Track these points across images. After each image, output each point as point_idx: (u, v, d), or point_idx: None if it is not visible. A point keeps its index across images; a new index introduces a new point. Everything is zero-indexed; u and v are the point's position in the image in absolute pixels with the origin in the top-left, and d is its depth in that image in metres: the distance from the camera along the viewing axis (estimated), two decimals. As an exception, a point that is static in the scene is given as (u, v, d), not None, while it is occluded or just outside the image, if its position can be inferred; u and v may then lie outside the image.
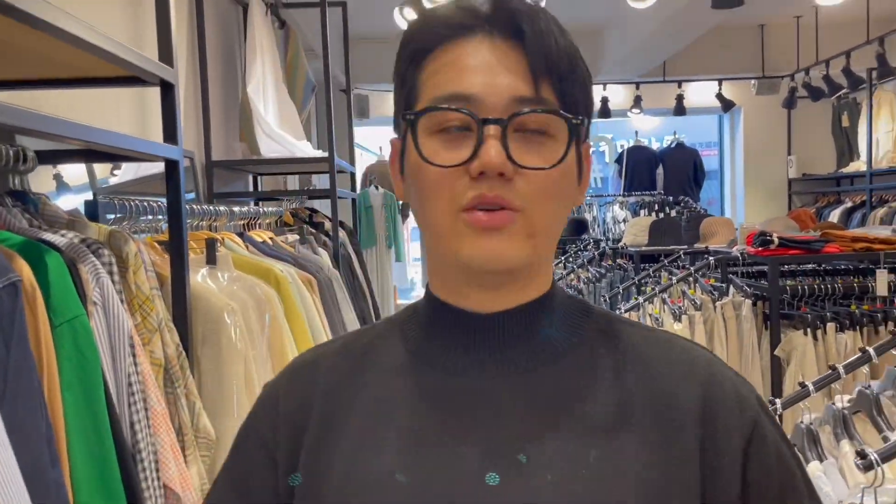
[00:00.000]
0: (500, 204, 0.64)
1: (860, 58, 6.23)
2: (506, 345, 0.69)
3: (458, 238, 0.65)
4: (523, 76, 0.66)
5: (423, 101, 0.67)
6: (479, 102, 0.65)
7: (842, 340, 2.47)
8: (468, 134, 0.65)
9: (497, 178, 0.64)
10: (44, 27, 0.97)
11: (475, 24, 0.67)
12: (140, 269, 1.24)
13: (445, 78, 0.66)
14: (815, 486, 0.79)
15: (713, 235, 3.97)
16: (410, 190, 0.70)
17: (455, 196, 0.65)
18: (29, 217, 1.15)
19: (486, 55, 0.66)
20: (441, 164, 0.65)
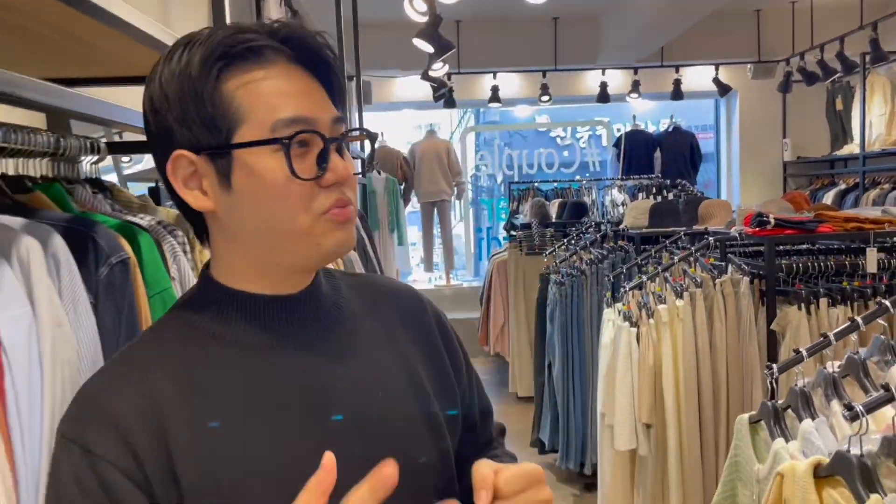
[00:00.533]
0: (347, 203, 0.79)
1: (854, 43, 6.36)
2: (311, 315, 0.84)
3: (320, 234, 0.78)
4: (328, 99, 0.81)
5: (254, 121, 0.76)
6: (316, 122, 0.78)
7: (834, 315, 2.62)
8: (309, 149, 0.77)
9: (341, 186, 0.79)
10: (121, 25, 1.09)
11: (274, 50, 0.78)
12: (204, 248, 1.38)
13: (278, 101, 0.77)
14: (807, 439, 1.01)
15: (711, 217, 4.11)
16: (245, 201, 0.77)
17: (317, 204, 0.78)
18: (110, 202, 1.29)
19: (298, 81, 0.78)
20: (307, 177, 0.76)
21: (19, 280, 0.79)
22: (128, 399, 0.74)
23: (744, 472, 1.67)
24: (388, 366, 0.88)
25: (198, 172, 0.79)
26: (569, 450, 4.11)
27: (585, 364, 4.03)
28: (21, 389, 0.77)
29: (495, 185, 10.80)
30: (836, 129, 7.64)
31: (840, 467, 1.25)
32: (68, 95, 0.93)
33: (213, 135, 0.77)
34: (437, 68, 5.61)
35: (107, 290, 0.94)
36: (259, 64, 0.77)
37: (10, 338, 0.76)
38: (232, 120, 0.77)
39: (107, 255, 0.97)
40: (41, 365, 0.79)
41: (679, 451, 2.67)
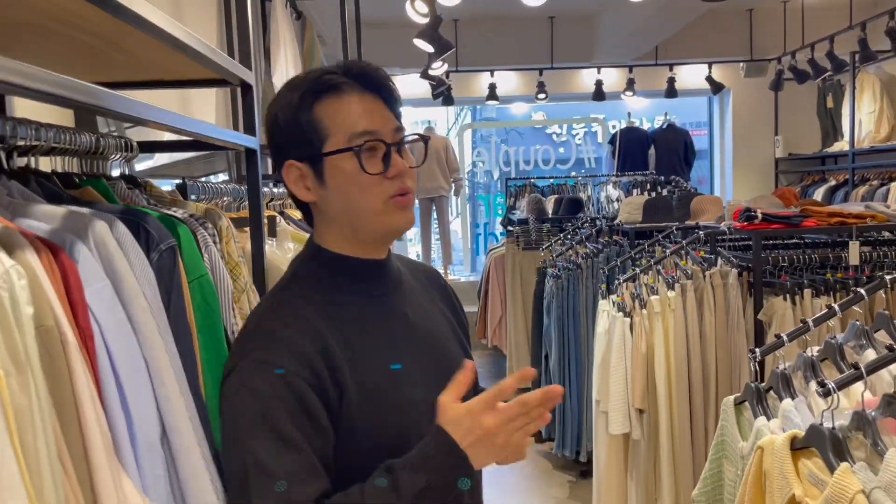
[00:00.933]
0: (407, 190, 1.10)
1: (844, 42, 6.48)
2: (390, 275, 1.18)
3: (388, 215, 1.09)
4: (389, 114, 1.12)
5: (337, 135, 1.08)
6: (380, 133, 1.09)
7: (817, 305, 2.74)
8: (377, 152, 1.08)
9: (402, 177, 1.09)
10: (159, 35, 1.20)
11: (347, 83, 1.09)
12: (231, 239, 1.50)
13: (353, 120, 1.08)
14: (787, 417, 1.36)
15: (703, 213, 4.23)
16: (335, 193, 1.09)
17: (384, 191, 1.08)
18: (146, 196, 1.40)
19: (369, 103, 1.10)
20: (375, 172, 1.07)
21: (96, 258, 0.91)
22: (299, 331, 1.04)
23: (729, 450, 1.78)
24: (435, 314, 1.23)
25: (303, 175, 1.11)
26: (565, 438, 4.23)
27: (581, 355, 4.15)
28: (116, 349, 0.89)
29: (492, 181, 10.91)
30: (827, 127, 7.77)
31: (814, 439, 1.36)
32: (111, 97, 1.04)
33: (310, 148, 1.09)
34: (437, 67, 5.72)
35: (157, 274, 1.06)
36: (338, 95, 1.09)
37: (97, 306, 0.88)
38: (322, 136, 1.09)
39: (157, 241, 1.08)
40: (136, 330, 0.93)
41: (670, 434, 2.80)
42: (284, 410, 0.98)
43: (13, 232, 0.81)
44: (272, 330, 1.04)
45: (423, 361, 1.13)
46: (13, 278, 0.74)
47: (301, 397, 0.99)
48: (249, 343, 1.04)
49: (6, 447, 0.68)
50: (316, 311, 1.07)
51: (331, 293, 1.11)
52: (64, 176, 1.26)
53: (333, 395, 1.02)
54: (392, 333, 1.13)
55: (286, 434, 0.97)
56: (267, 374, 0.99)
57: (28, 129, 1.09)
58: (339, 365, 1.04)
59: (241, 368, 1.01)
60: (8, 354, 0.72)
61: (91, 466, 0.87)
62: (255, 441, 0.96)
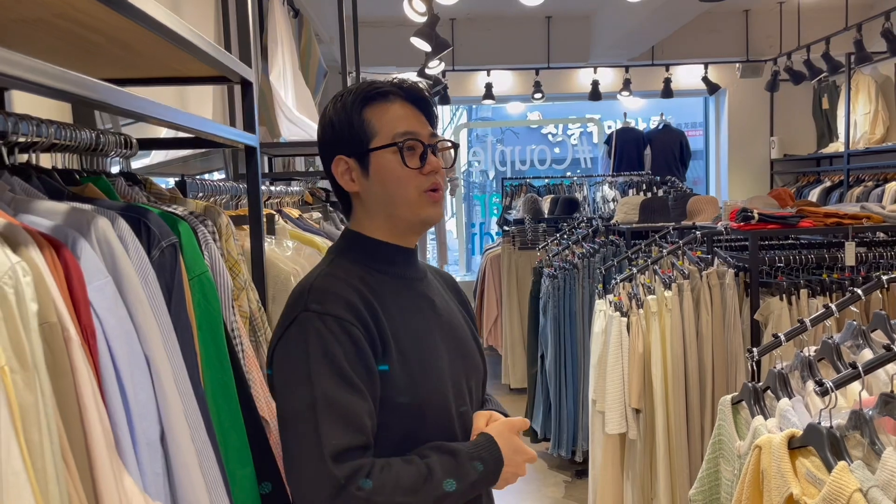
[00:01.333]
0: (438, 187, 1.27)
1: (839, 43, 6.50)
2: (418, 264, 1.34)
3: (420, 207, 1.25)
4: (426, 121, 1.29)
5: (382, 134, 1.25)
6: (419, 135, 1.26)
7: (813, 305, 2.75)
8: (415, 152, 1.25)
9: (436, 174, 1.26)
10: (162, 31, 1.20)
11: (393, 91, 1.27)
12: (230, 237, 1.50)
13: (397, 122, 1.25)
14: (784, 416, 1.42)
15: (699, 213, 4.24)
16: (377, 184, 1.25)
17: (420, 184, 1.25)
18: (145, 194, 1.40)
19: (410, 110, 1.27)
20: (414, 167, 1.24)
21: (98, 255, 0.91)
22: (350, 291, 1.18)
23: (726, 450, 1.79)
24: (451, 306, 1.37)
25: (349, 168, 1.27)
26: (560, 438, 4.23)
27: (577, 354, 4.15)
28: (117, 345, 0.89)
29: (487, 181, 10.91)
30: (822, 128, 7.79)
31: (811, 438, 1.37)
32: (116, 93, 1.04)
33: (358, 144, 1.26)
34: (434, 66, 5.72)
35: (158, 271, 1.06)
36: (385, 101, 1.27)
37: (99, 303, 0.88)
38: (370, 134, 1.25)
39: (159, 238, 1.08)
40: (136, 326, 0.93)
41: (667, 434, 2.80)
42: (345, 353, 1.11)
43: (17, 228, 0.81)
44: (325, 288, 1.17)
45: (447, 341, 1.28)
46: (18, 274, 0.73)
47: (358, 345, 1.13)
48: (305, 299, 1.15)
49: (12, 444, 0.68)
50: (358, 282, 1.21)
51: (369, 270, 1.25)
52: (65, 172, 1.26)
53: (379, 349, 1.16)
54: (422, 313, 1.27)
55: (348, 375, 1.11)
56: (327, 322, 1.12)
57: (29, 125, 1.08)
58: (382, 326, 1.18)
59: (301, 319, 1.13)
60: (13, 351, 0.71)
61: (93, 464, 0.87)
62: (321, 377, 1.09)
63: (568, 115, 10.79)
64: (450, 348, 1.28)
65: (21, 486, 0.68)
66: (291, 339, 1.14)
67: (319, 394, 1.09)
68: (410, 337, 1.22)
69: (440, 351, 1.26)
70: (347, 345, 1.12)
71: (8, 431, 0.68)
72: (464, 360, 1.31)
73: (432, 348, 1.25)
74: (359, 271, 1.24)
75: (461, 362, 1.30)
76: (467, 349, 1.33)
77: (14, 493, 0.68)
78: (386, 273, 1.27)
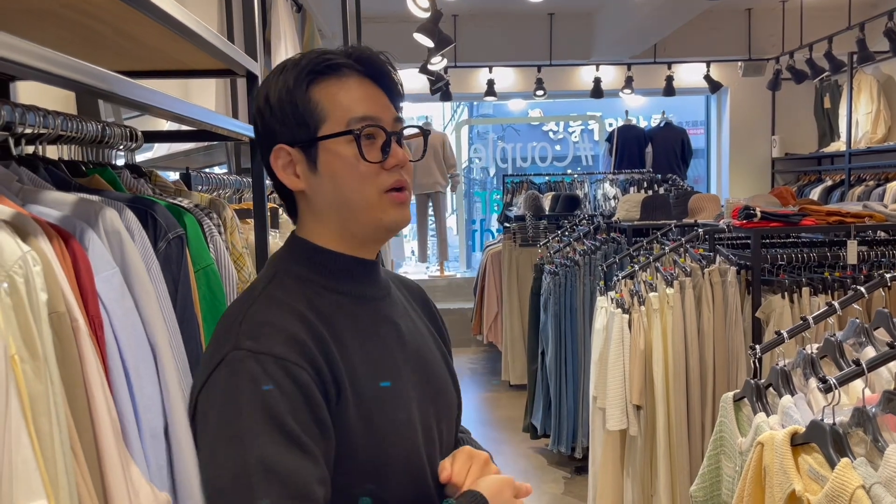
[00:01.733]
0: (404, 185, 1.02)
1: (842, 42, 6.50)
2: (380, 279, 1.08)
3: (381, 210, 1.00)
4: (390, 102, 1.03)
5: (334, 119, 0.99)
6: (380, 120, 1.01)
7: (815, 303, 2.75)
8: (375, 141, 1.00)
9: (401, 169, 1.01)
10: (168, 22, 1.19)
11: (348, 65, 1.01)
12: (235, 230, 1.50)
13: (353, 104, 0.99)
14: (786, 413, 1.33)
15: (701, 211, 4.24)
16: (327, 181, 1.00)
17: (380, 182, 1.00)
18: (151, 186, 1.40)
19: (368, 89, 1.02)
20: (374, 160, 0.99)
21: (105, 246, 0.91)
22: (293, 322, 0.93)
23: (728, 446, 1.79)
24: (422, 330, 1.13)
25: (293, 161, 1.01)
26: (560, 434, 4.24)
27: (578, 351, 4.16)
28: (123, 337, 0.89)
29: (488, 177, 10.91)
30: (824, 127, 7.79)
31: (814, 435, 1.37)
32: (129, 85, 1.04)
33: (304, 131, 1.00)
34: (436, 62, 5.72)
35: (165, 263, 1.06)
36: (337, 77, 1.01)
37: (106, 294, 0.88)
38: (318, 119, 1.00)
39: (165, 230, 1.08)
40: (142, 317, 0.93)
41: (667, 431, 2.81)
42: (289, 404, 0.86)
43: (26, 218, 0.81)
44: (263, 320, 0.92)
45: (413, 377, 1.04)
46: (29, 264, 0.74)
47: (305, 392, 0.88)
48: (239, 333, 0.90)
49: (22, 433, 0.68)
50: (306, 306, 0.96)
51: (318, 290, 1.00)
52: (71, 164, 1.26)
53: (332, 395, 0.92)
54: (384, 342, 1.02)
55: (293, 432, 0.85)
56: (265, 364, 0.87)
57: (36, 115, 1.08)
58: (336, 363, 0.94)
59: (232, 359, 0.88)
60: (23, 340, 0.72)
61: (101, 454, 0.87)
62: (257, 437, 0.83)
63: (569, 113, 10.78)
64: (419, 385, 1.04)
65: (31, 474, 0.68)
66: (219, 385, 0.88)
67: (255, 459, 0.83)
68: (371, 376, 0.97)
69: (408, 390, 1.02)
70: (292, 392, 0.87)
71: (18, 420, 0.68)
72: (435, 400, 1.07)
73: (399, 389, 1.00)
74: (305, 291, 0.99)
75: (432, 402, 1.06)
76: (440, 384, 1.10)
77: (24, 482, 0.68)
78: (340, 293, 1.01)
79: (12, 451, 0.68)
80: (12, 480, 0.67)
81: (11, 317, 0.71)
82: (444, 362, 1.13)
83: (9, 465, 0.67)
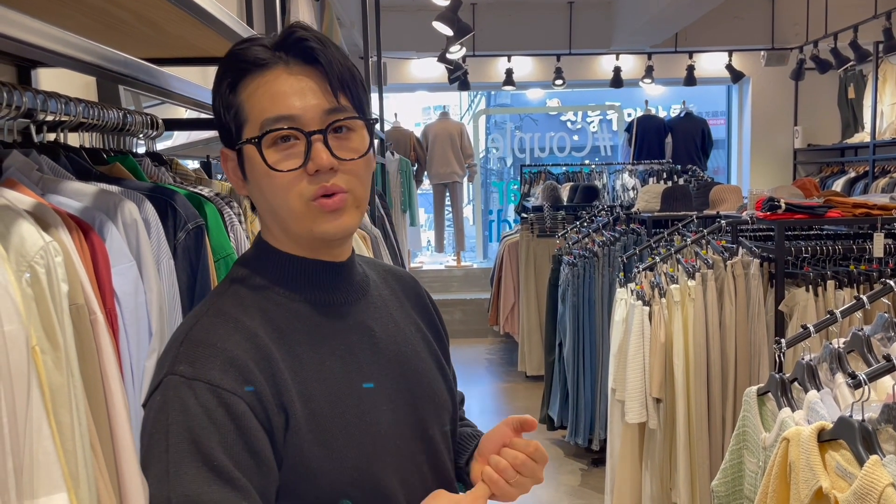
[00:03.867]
0: (335, 191, 0.89)
1: (867, 31, 6.39)
2: (352, 280, 0.99)
3: (311, 220, 0.90)
4: (325, 93, 0.90)
5: (252, 122, 0.89)
6: (300, 119, 0.89)
7: (840, 297, 2.71)
8: (297, 143, 0.89)
9: (329, 172, 0.89)
10: (193, 8, 1.18)
11: (273, 58, 0.90)
12: (255, 219, 1.49)
13: (269, 103, 0.88)
14: (812, 409, 1.27)
15: (722, 202, 4.20)
16: (255, 189, 0.92)
17: (302, 191, 0.88)
18: (172, 174, 1.40)
19: (292, 82, 0.89)
20: (286, 169, 0.88)
21: (123, 238, 0.90)
22: (237, 342, 0.86)
23: (751, 441, 1.76)
24: (406, 326, 1.04)
25: (235, 166, 0.94)
26: (577, 426, 4.22)
27: (596, 343, 4.13)
28: (131, 332, 0.88)
29: (505, 167, 10.87)
30: (848, 118, 7.68)
31: (843, 431, 1.34)
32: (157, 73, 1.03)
33: (229, 136, 0.93)
34: (454, 51, 5.69)
35: (184, 253, 1.05)
36: (260, 73, 0.90)
37: (121, 287, 0.87)
38: (239, 121, 0.91)
39: (184, 221, 1.07)
40: (148, 311, 0.92)
41: (687, 424, 2.78)
42: (219, 436, 0.81)
43: (47, 209, 0.80)
44: (203, 340, 0.85)
45: (389, 385, 0.96)
46: (50, 254, 0.73)
47: (239, 422, 0.82)
48: (177, 355, 0.85)
49: (43, 425, 0.68)
50: (259, 321, 0.89)
51: (277, 299, 0.93)
52: (92, 151, 1.25)
53: (278, 422, 0.85)
54: (352, 351, 0.94)
55: (222, 466, 0.80)
56: (197, 391, 0.82)
57: (58, 102, 1.08)
58: (285, 385, 0.86)
59: (166, 384, 0.82)
60: (44, 332, 0.71)
61: (117, 447, 0.86)
62: (183, 472, 0.79)
63: (588, 103, 10.71)
64: (399, 392, 0.97)
65: (51, 467, 0.67)
66: (153, 411, 0.83)
67: (179, 495, 0.78)
68: (330, 394, 0.90)
69: (378, 405, 0.94)
70: (224, 423, 0.81)
71: (40, 412, 0.67)
72: (420, 405, 0.99)
73: (366, 406, 0.92)
74: (262, 303, 0.92)
75: (416, 408, 0.98)
76: (424, 388, 1.01)
77: (44, 473, 0.67)
78: (302, 300, 0.93)
79: (34, 443, 0.67)
80: (33, 473, 0.67)
81: (33, 307, 0.70)
82: (435, 361, 1.05)
83: (30, 457, 0.67)
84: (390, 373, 0.97)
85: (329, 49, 0.91)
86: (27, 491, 0.67)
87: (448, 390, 1.06)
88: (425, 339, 1.05)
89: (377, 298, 1.01)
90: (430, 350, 1.05)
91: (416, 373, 1.00)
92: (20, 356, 0.66)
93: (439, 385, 1.04)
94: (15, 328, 0.66)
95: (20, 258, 0.71)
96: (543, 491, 4.00)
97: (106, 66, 0.85)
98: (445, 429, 1.03)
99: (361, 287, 1.00)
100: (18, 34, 0.74)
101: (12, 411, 0.65)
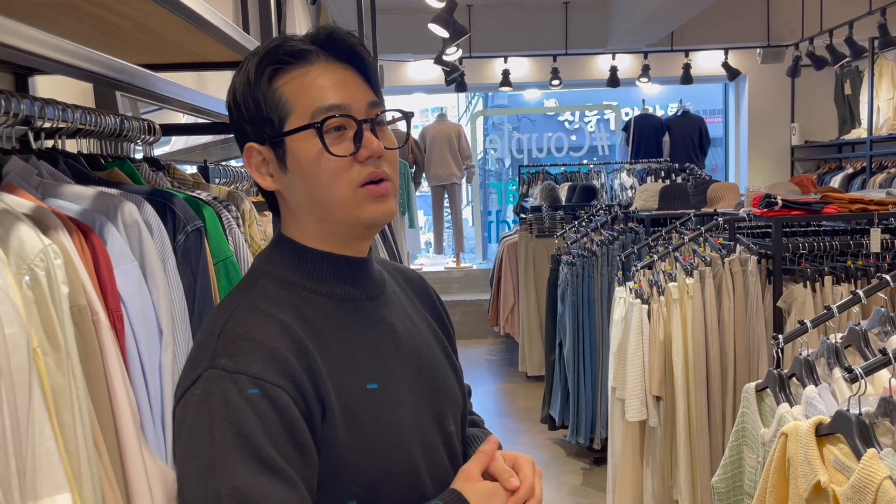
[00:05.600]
0: (382, 177, 0.94)
1: (863, 27, 6.40)
2: (373, 277, 1.01)
3: (357, 206, 0.93)
4: (366, 87, 0.96)
5: (299, 112, 0.92)
6: (350, 108, 0.93)
7: (838, 292, 2.72)
8: (345, 132, 0.92)
9: (378, 160, 0.93)
10: (189, 14, 1.19)
11: (315, 52, 0.94)
12: (254, 222, 1.50)
13: (318, 93, 0.92)
14: (810, 404, 1.29)
15: (720, 200, 4.21)
16: (297, 180, 0.93)
17: (352, 177, 0.92)
18: (169, 179, 1.40)
19: (339, 74, 0.94)
20: (341, 154, 0.91)
21: (124, 239, 0.91)
22: (274, 335, 0.87)
23: (750, 437, 1.77)
24: (421, 325, 1.07)
25: (265, 160, 0.95)
26: (579, 425, 4.23)
27: (596, 342, 4.14)
28: (139, 331, 0.89)
29: (504, 168, 10.88)
30: (844, 114, 7.69)
31: (840, 425, 1.35)
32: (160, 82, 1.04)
33: (269, 128, 0.93)
34: (451, 53, 5.70)
35: (183, 256, 1.06)
36: (301, 65, 0.93)
37: (124, 287, 0.88)
38: (283, 113, 0.93)
39: (184, 223, 1.08)
40: (155, 309, 0.93)
41: (687, 421, 2.79)
42: (265, 429, 0.81)
43: (46, 212, 0.81)
44: (242, 334, 0.86)
45: (411, 380, 0.98)
46: (50, 257, 0.74)
47: (283, 414, 0.83)
48: (215, 349, 0.85)
49: (45, 427, 0.68)
50: (291, 314, 0.90)
51: (304, 294, 0.94)
52: (90, 157, 1.26)
53: (316, 414, 0.86)
54: (377, 346, 0.96)
55: (270, 458, 0.80)
56: (240, 382, 0.82)
57: (55, 109, 1.09)
58: (321, 378, 0.88)
59: (206, 378, 0.83)
60: (45, 333, 0.72)
61: (122, 447, 0.87)
62: (231, 465, 0.78)
63: (585, 102, 10.72)
64: (418, 387, 0.99)
65: (54, 468, 0.68)
66: (192, 405, 0.83)
67: (228, 488, 0.78)
68: (361, 388, 0.92)
69: (402, 394, 0.96)
70: (269, 415, 0.82)
71: (41, 414, 0.68)
72: (437, 399, 1.02)
73: (391, 394, 0.95)
74: (290, 297, 0.93)
75: (434, 402, 1.01)
76: (441, 382, 1.04)
77: (47, 474, 0.68)
78: (328, 295, 0.95)
79: (36, 445, 0.68)
80: (36, 474, 0.67)
81: (34, 310, 0.71)
82: (446, 357, 1.08)
83: (32, 458, 0.67)
84: (410, 368, 0.99)
85: (364, 48, 0.97)
86: (30, 492, 0.68)
87: (458, 385, 1.09)
88: (436, 336, 1.08)
89: (393, 295, 1.04)
90: (442, 346, 1.08)
91: (431, 368, 1.02)
92: (21, 358, 0.67)
93: (452, 380, 1.07)
94: (16, 331, 0.67)
95: (20, 261, 0.72)
96: (545, 490, 4.00)
97: (103, 73, 0.86)
98: (458, 423, 1.06)
99: (380, 283, 1.02)
100: (15, 42, 0.75)
101: (14, 413, 0.66)
